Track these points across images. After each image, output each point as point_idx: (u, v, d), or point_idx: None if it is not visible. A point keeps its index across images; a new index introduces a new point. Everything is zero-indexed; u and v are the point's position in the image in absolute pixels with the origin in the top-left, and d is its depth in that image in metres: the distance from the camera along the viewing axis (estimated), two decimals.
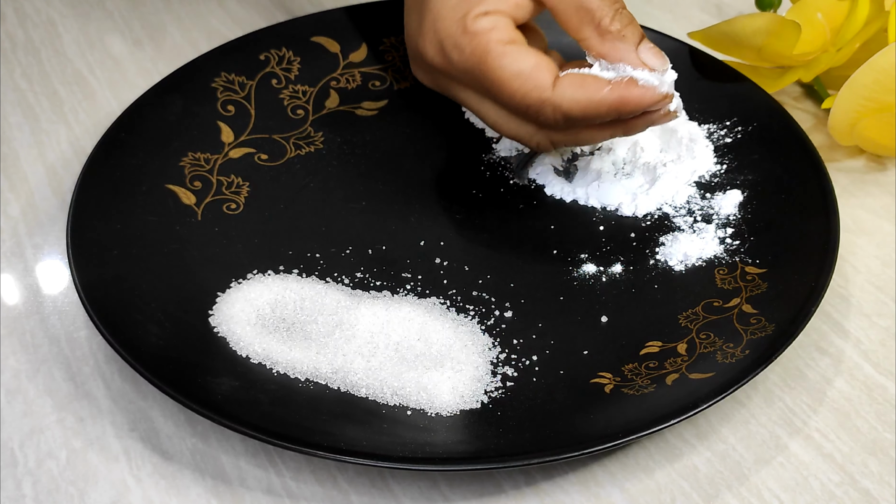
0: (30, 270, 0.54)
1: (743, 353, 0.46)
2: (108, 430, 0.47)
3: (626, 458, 0.46)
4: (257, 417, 0.44)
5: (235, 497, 0.45)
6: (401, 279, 0.52)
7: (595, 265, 0.52)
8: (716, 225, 0.54)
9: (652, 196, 0.55)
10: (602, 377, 0.47)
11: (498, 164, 0.58)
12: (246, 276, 0.51)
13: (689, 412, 0.43)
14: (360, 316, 0.48)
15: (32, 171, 0.60)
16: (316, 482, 0.45)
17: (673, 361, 0.47)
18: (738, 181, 0.56)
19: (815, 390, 0.49)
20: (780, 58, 0.60)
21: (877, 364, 0.49)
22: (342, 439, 0.43)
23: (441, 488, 0.45)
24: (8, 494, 0.45)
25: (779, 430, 0.47)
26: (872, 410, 0.48)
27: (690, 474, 0.45)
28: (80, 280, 0.48)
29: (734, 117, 0.59)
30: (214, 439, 0.47)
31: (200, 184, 0.56)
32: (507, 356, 0.48)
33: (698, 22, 0.70)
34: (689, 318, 0.49)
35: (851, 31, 0.59)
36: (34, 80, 0.66)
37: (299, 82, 0.62)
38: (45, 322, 0.52)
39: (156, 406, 0.48)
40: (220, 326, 0.49)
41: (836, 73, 0.61)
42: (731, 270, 0.51)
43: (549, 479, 0.45)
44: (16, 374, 0.49)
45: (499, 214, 0.55)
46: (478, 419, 0.45)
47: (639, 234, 0.54)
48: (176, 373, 0.45)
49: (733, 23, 0.59)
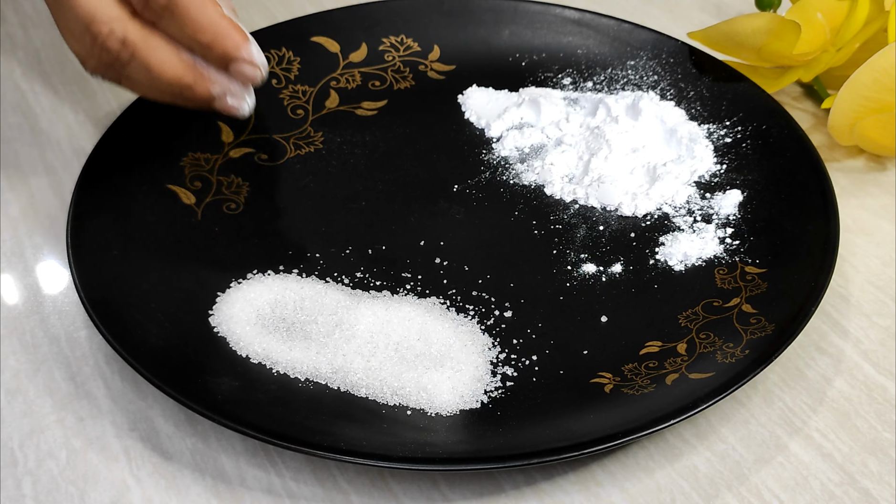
0: (30, 270, 0.54)
1: (743, 353, 0.46)
2: (108, 430, 0.47)
3: (626, 458, 0.46)
4: (257, 417, 0.44)
5: (235, 497, 0.45)
6: (401, 279, 0.52)
7: (595, 265, 0.52)
8: (716, 225, 0.54)
9: (652, 196, 0.55)
10: (602, 377, 0.47)
11: (498, 164, 0.58)
12: (246, 276, 0.51)
13: (688, 412, 0.43)
14: (359, 316, 0.48)
15: (32, 171, 0.60)
16: (316, 482, 0.45)
17: (673, 361, 0.47)
18: (738, 181, 0.56)
19: (815, 390, 0.49)
20: (780, 58, 0.60)
21: (877, 364, 0.49)
22: (342, 439, 0.43)
23: (441, 488, 0.45)
24: (8, 494, 0.45)
25: (779, 430, 0.47)
26: (872, 410, 0.48)
27: (690, 474, 0.45)
28: (80, 280, 0.48)
29: (734, 117, 0.59)
30: (214, 439, 0.47)
31: (200, 184, 0.56)
32: (507, 356, 0.48)
33: (698, 22, 0.70)
34: (688, 318, 0.49)
35: (851, 31, 0.59)
36: (34, 80, 0.66)
37: (299, 82, 0.62)
38: (45, 322, 0.52)
39: (156, 406, 0.48)
40: (220, 326, 0.49)
41: (836, 73, 0.61)
42: (730, 270, 0.51)
43: (549, 479, 0.45)
44: (16, 374, 0.49)
45: (499, 214, 0.55)
46: (478, 419, 0.45)
47: (639, 234, 0.54)
48: (176, 373, 0.45)
49: (733, 23, 0.59)
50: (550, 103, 0.60)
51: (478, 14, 0.64)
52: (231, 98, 0.51)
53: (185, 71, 0.50)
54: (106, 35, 0.48)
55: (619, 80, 0.62)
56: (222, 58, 0.50)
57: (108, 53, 0.49)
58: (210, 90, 0.51)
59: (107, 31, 0.48)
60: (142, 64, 0.49)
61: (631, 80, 0.62)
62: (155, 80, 0.50)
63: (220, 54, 0.49)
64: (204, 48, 0.49)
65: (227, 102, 0.51)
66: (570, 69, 0.63)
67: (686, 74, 0.61)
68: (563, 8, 0.64)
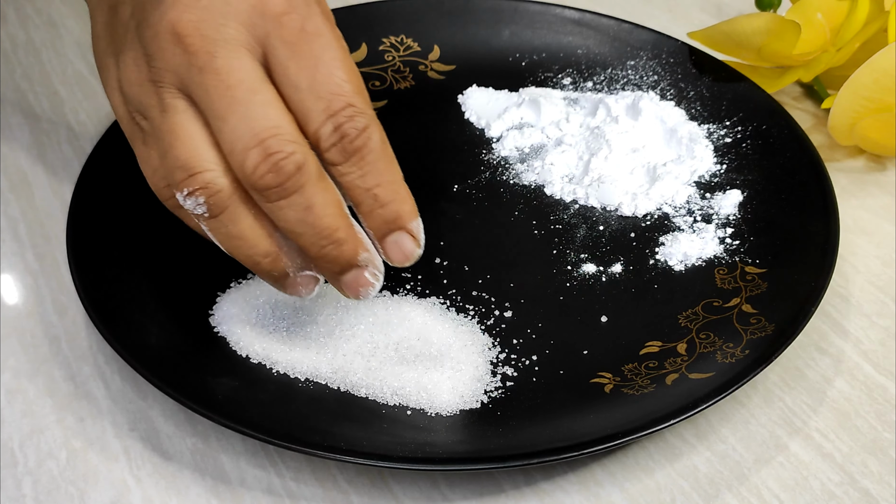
0: (30, 270, 0.54)
1: (743, 353, 0.46)
2: (108, 430, 0.47)
3: (626, 458, 0.46)
4: (257, 417, 0.44)
5: (235, 497, 0.45)
6: (401, 279, 0.51)
7: (595, 265, 0.52)
8: (716, 225, 0.54)
9: (652, 196, 0.55)
10: (602, 377, 0.47)
11: (498, 164, 0.58)
12: (246, 276, 0.51)
13: (688, 412, 0.43)
14: (359, 316, 0.48)
15: (32, 171, 0.60)
16: (316, 482, 0.45)
17: (673, 361, 0.47)
18: (738, 181, 0.56)
19: (815, 390, 0.49)
20: (780, 58, 0.60)
21: (877, 364, 0.49)
22: (342, 439, 0.43)
23: (441, 488, 0.45)
24: (8, 494, 0.45)
25: (779, 430, 0.47)
26: (872, 410, 0.48)
27: (690, 474, 0.45)
28: (80, 280, 0.48)
29: (734, 117, 0.59)
30: (214, 439, 0.47)
31: None
32: (507, 356, 0.48)
33: (698, 22, 0.70)
34: (688, 318, 0.49)
35: (851, 31, 0.59)
36: (35, 80, 0.66)
37: None
38: (45, 322, 0.52)
39: (156, 406, 0.48)
40: (220, 326, 0.49)
41: (836, 73, 0.61)
42: (730, 270, 0.51)
43: (549, 479, 0.45)
44: (16, 374, 0.49)
45: (499, 214, 0.55)
46: (478, 419, 0.45)
47: (639, 234, 0.54)
48: (176, 373, 0.45)
49: (733, 23, 0.59)
50: (550, 103, 0.60)
51: (478, 14, 0.64)
52: (370, 275, 0.43)
53: (343, 223, 0.41)
54: (286, 154, 0.39)
55: (619, 80, 0.62)
56: (390, 222, 0.42)
57: (275, 175, 0.40)
58: (358, 254, 0.42)
59: (291, 149, 0.40)
60: (305, 201, 0.40)
61: (631, 80, 0.62)
62: (307, 223, 0.41)
63: (391, 217, 0.42)
64: (375, 205, 0.42)
65: (360, 278, 0.43)
66: (570, 69, 0.63)
67: (686, 74, 0.61)
68: (563, 8, 0.64)
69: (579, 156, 0.57)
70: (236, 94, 0.39)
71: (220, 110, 0.40)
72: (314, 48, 0.40)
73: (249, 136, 0.39)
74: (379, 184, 0.42)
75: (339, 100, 0.40)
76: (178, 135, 0.40)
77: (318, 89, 0.40)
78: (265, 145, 0.39)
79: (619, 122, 0.57)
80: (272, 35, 0.40)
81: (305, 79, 0.40)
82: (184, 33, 0.40)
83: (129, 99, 0.42)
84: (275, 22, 0.40)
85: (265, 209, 0.41)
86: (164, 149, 0.41)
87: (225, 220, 0.41)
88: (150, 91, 0.41)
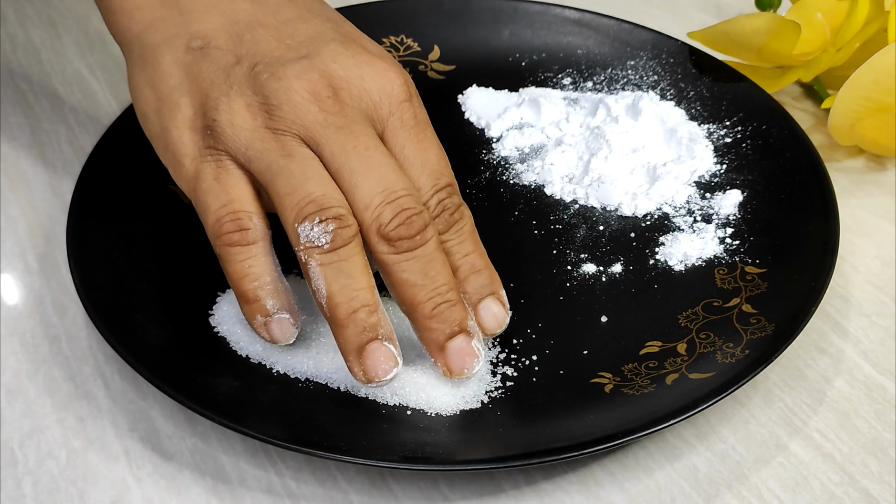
0: (30, 270, 0.54)
1: (743, 353, 0.46)
2: (108, 430, 0.47)
3: (626, 458, 0.46)
4: (257, 417, 0.44)
5: (235, 497, 0.45)
6: None
7: (595, 265, 0.52)
8: (716, 225, 0.54)
9: (652, 196, 0.55)
10: (602, 377, 0.47)
11: (498, 164, 0.58)
12: None
13: (688, 412, 0.43)
14: None
15: (32, 171, 0.60)
16: (316, 482, 0.45)
17: (673, 361, 0.47)
18: (738, 181, 0.56)
19: (815, 390, 0.49)
20: (780, 58, 0.60)
21: (877, 364, 0.49)
22: (342, 439, 0.43)
23: (441, 488, 0.45)
24: (8, 494, 0.45)
25: (779, 430, 0.47)
26: (872, 410, 0.48)
27: (690, 474, 0.45)
28: (80, 280, 0.48)
29: (734, 117, 0.59)
30: (214, 439, 0.47)
31: None
32: (507, 356, 0.48)
33: (698, 22, 0.70)
34: (688, 318, 0.49)
35: (851, 31, 0.59)
36: (34, 80, 0.66)
37: None
38: (45, 322, 0.52)
39: (156, 406, 0.48)
40: (220, 326, 0.49)
41: (836, 73, 0.61)
42: (730, 270, 0.51)
43: (549, 479, 0.45)
44: (16, 374, 0.49)
45: (499, 214, 0.55)
46: (478, 419, 0.45)
47: (639, 234, 0.54)
48: (176, 373, 0.45)
49: (733, 23, 0.59)
50: (550, 103, 0.60)
51: (478, 14, 0.64)
52: (476, 346, 0.45)
53: (455, 286, 0.45)
54: (417, 211, 0.44)
55: (619, 80, 0.62)
56: (485, 286, 0.46)
57: (407, 227, 0.44)
58: (469, 317, 0.45)
59: (420, 209, 0.44)
60: (429, 255, 0.44)
61: (631, 80, 0.62)
62: (428, 276, 0.44)
63: (486, 282, 0.46)
64: (472, 270, 0.46)
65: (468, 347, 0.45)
66: (570, 69, 0.63)
67: (686, 74, 0.61)
68: (563, 8, 0.64)
69: (579, 156, 0.57)
70: (374, 157, 0.44)
71: (359, 168, 0.44)
72: (426, 135, 0.47)
73: (387, 193, 0.44)
74: (474, 251, 0.46)
75: (443, 179, 0.46)
76: (311, 175, 0.44)
77: (428, 168, 0.46)
78: (400, 202, 0.44)
79: (619, 122, 0.57)
80: (395, 116, 0.46)
81: (419, 159, 0.46)
82: (324, 95, 0.45)
83: (224, 140, 0.45)
84: (399, 107, 0.46)
85: (388, 261, 0.44)
86: (293, 186, 0.44)
87: (344, 254, 0.44)
88: (267, 136, 0.45)
